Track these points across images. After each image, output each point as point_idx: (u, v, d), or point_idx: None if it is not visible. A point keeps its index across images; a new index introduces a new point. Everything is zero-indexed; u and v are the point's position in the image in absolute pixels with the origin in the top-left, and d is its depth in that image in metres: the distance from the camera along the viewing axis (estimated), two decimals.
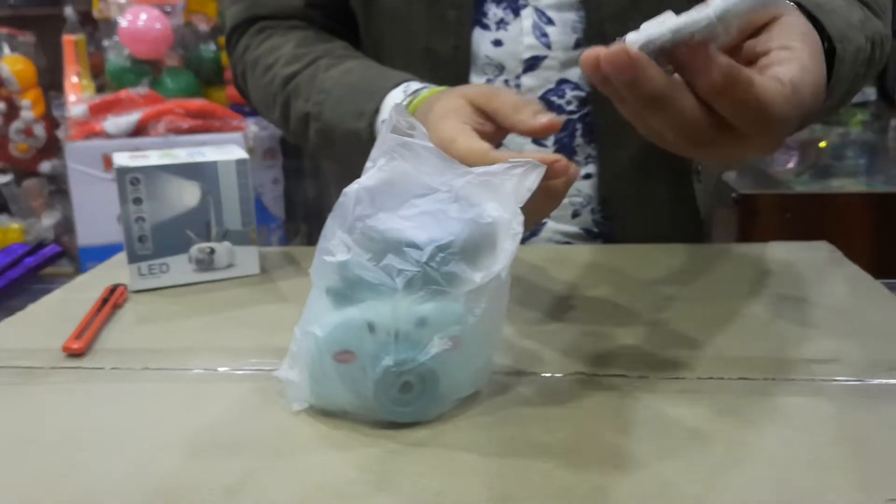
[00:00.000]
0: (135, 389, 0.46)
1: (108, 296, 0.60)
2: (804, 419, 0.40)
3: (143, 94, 1.94)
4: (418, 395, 0.40)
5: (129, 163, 0.62)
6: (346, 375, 0.40)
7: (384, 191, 0.40)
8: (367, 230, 0.39)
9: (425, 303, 0.39)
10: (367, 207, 0.40)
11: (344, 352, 0.39)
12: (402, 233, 0.39)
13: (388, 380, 0.39)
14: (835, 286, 0.59)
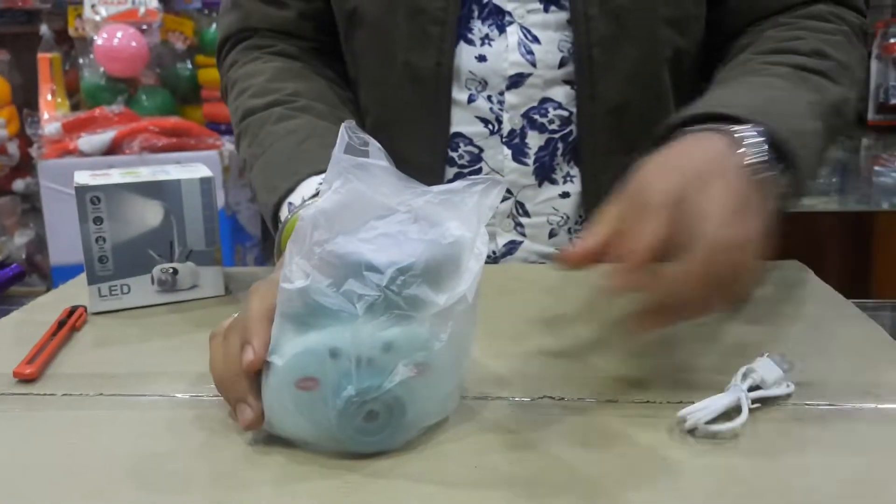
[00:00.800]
0: (86, 417, 0.44)
1: (65, 318, 0.58)
2: (778, 445, 0.39)
3: (117, 112, 1.92)
4: (384, 423, 0.38)
5: (90, 181, 0.60)
6: (308, 405, 0.38)
7: (341, 214, 0.38)
8: (326, 255, 0.38)
9: (389, 328, 0.37)
10: (324, 232, 0.38)
11: (306, 378, 0.38)
12: (361, 256, 0.37)
13: (352, 409, 0.37)
14: (805, 306, 0.58)
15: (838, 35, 0.63)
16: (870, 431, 0.41)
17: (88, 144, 1.88)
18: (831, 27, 0.64)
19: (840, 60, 0.61)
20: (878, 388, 0.45)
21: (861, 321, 0.55)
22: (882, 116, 2.23)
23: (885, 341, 0.52)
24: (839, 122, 0.58)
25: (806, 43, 0.61)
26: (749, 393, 0.43)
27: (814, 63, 0.59)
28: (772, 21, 0.65)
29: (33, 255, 2.20)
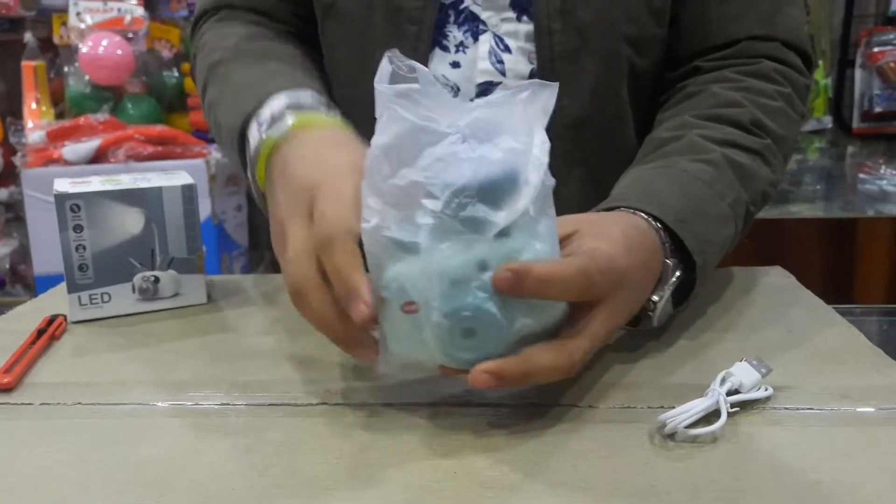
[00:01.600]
0: (64, 426, 0.44)
1: (44, 327, 0.58)
2: (755, 448, 0.40)
3: (102, 120, 1.91)
4: (483, 339, 0.39)
5: (69, 189, 0.60)
6: (415, 326, 0.39)
7: (398, 145, 0.39)
8: (391, 189, 0.39)
9: (466, 249, 0.38)
10: (387, 166, 0.39)
11: (408, 303, 0.39)
12: (419, 185, 0.38)
13: (446, 328, 0.39)
14: (787, 312, 0.59)
15: (779, 100, 0.64)
16: (846, 434, 0.41)
17: (73, 153, 1.87)
18: (773, 90, 0.64)
19: (776, 135, 0.62)
20: (855, 391, 0.45)
21: (841, 326, 0.56)
22: (866, 124, 2.25)
23: (863, 346, 0.52)
24: (756, 210, 0.61)
25: (746, 112, 0.61)
26: (728, 397, 0.43)
27: (749, 141, 0.60)
28: (718, 75, 0.66)
29: (17, 265, 2.18)
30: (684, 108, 0.65)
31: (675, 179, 0.55)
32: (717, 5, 0.66)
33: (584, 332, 0.42)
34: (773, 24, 0.66)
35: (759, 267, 0.69)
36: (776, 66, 0.66)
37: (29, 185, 1.87)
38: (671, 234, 0.51)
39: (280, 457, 0.40)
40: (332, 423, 0.43)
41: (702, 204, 0.55)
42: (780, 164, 0.64)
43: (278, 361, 0.52)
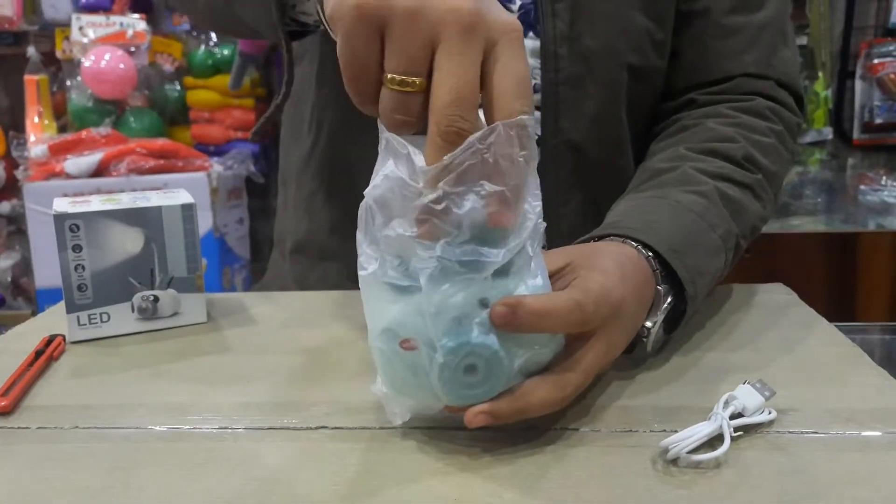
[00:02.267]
0: (61, 451, 0.43)
1: (43, 347, 0.57)
2: (764, 475, 0.39)
3: (104, 134, 1.92)
4: (485, 376, 0.40)
5: (68, 209, 0.59)
6: (413, 364, 0.40)
7: (390, 197, 0.39)
8: (386, 240, 0.39)
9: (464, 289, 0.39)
10: (379, 217, 0.40)
11: (406, 340, 0.40)
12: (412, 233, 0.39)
13: (450, 365, 0.39)
14: (788, 331, 0.58)
15: (771, 137, 0.65)
16: (851, 460, 0.40)
17: (75, 167, 1.88)
18: (766, 127, 0.65)
19: (768, 171, 0.63)
20: (860, 414, 0.45)
21: (844, 346, 0.55)
22: (867, 136, 2.25)
23: (868, 366, 0.51)
24: (745, 243, 0.61)
25: (739, 148, 0.62)
26: (731, 421, 0.43)
27: (741, 175, 0.61)
28: (712, 109, 0.67)
29: (19, 278, 2.19)
30: (679, 141, 0.65)
31: (668, 210, 0.56)
32: (716, 42, 0.68)
33: (578, 366, 0.42)
34: (768, 64, 0.68)
35: (760, 284, 0.69)
36: (769, 104, 0.67)
37: (31, 198, 1.87)
38: (662, 263, 0.51)
39: (277, 483, 0.39)
40: (330, 448, 0.43)
41: (694, 235, 0.55)
42: (771, 199, 0.65)
43: (277, 383, 0.52)
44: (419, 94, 0.38)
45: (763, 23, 0.68)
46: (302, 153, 0.79)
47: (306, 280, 0.80)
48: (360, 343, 0.58)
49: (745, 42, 0.68)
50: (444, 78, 0.37)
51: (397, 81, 0.37)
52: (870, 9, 2.26)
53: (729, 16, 0.68)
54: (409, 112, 0.38)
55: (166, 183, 1.87)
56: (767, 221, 0.65)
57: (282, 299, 0.71)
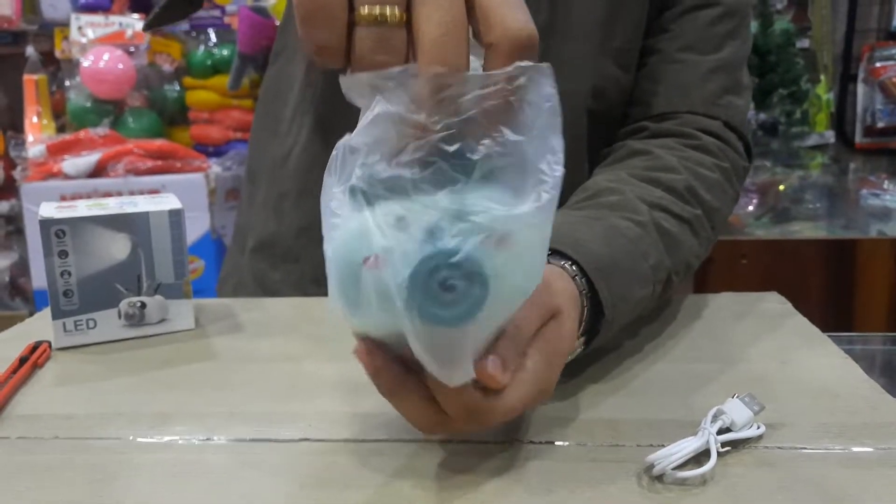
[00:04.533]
0: (39, 462, 0.43)
1: (27, 354, 0.57)
2: (750, 492, 0.38)
3: (102, 134, 1.92)
4: (462, 295, 0.34)
5: (54, 214, 0.59)
6: (379, 285, 0.34)
7: (383, 139, 0.34)
8: (368, 179, 0.34)
9: (463, 194, 0.34)
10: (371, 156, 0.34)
11: (371, 257, 0.34)
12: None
13: (425, 278, 0.33)
14: (782, 342, 0.58)
15: (717, 173, 0.64)
16: (840, 476, 0.40)
17: (73, 167, 1.88)
18: (712, 163, 0.65)
19: (709, 206, 0.62)
20: (850, 429, 0.44)
21: (837, 358, 0.54)
22: (869, 139, 2.24)
23: (860, 380, 0.51)
24: (678, 280, 0.59)
25: (682, 180, 0.61)
26: (719, 436, 0.42)
27: (680, 208, 0.60)
28: (662, 141, 0.66)
29: (17, 278, 2.18)
30: (625, 166, 0.65)
31: (601, 231, 0.54)
32: (667, 76, 0.69)
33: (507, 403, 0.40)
34: (715, 105, 0.68)
35: (754, 293, 0.68)
36: (716, 143, 0.67)
37: (28, 198, 1.87)
38: (587, 282, 0.50)
39: (257, 498, 0.39)
40: (312, 460, 0.42)
41: (623, 260, 0.53)
42: (708, 236, 0.63)
43: (261, 393, 0.51)
44: (399, 28, 0.34)
45: (716, 65, 0.68)
46: (279, 152, 0.78)
47: (266, 279, 0.79)
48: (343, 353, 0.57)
49: (695, 80, 0.68)
50: (428, 10, 0.33)
51: (375, 15, 0.33)
52: (872, 12, 2.25)
53: (682, 52, 0.69)
54: (392, 50, 0.34)
55: (164, 184, 1.86)
56: (703, 259, 0.63)
57: (270, 306, 0.70)
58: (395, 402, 0.39)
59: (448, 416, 0.39)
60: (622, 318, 0.53)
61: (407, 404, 0.39)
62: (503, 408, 0.39)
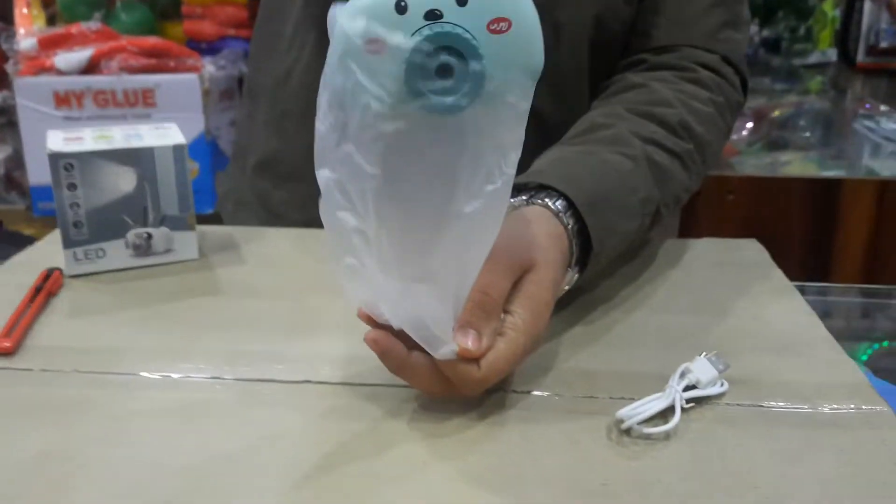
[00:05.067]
0: (61, 396, 0.47)
1: (41, 283, 0.60)
2: (708, 448, 0.43)
3: (95, 29, 1.88)
4: (460, 79, 0.36)
5: (63, 148, 0.61)
6: (377, 68, 0.35)
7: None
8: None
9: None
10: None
11: (372, 40, 0.35)
12: None
13: (422, 58, 0.35)
14: (756, 295, 0.61)
15: (710, 107, 0.66)
16: (790, 436, 0.44)
17: (65, 62, 1.85)
18: (706, 97, 0.66)
19: (701, 139, 0.64)
20: (806, 388, 0.48)
21: (803, 314, 0.58)
22: (871, 59, 2.22)
23: (822, 338, 0.55)
24: (667, 212, 0.62)
25: (675, 114, 0.63)
26: (685, 392, 0.46)
27: (672, 143, 0.62)
28: (660, 74, 0.68)
29: (12, 171, 2.18)
30: (621, 100, 0.67)
31: (592, 167, 0.57)
32: (668, 12, 0.70)
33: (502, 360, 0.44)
34: (714, 39, 0.70)
35: (733, 240, 0.71)
36: (714, 77, 0.68)
37: (22, 94, 1.85)
38: (576, 216, 0.53)
39: (264, 439, 0.43)
40: (312, 404, 0.46)
41: (613, 194, 0.56)
42: (699, 169, 0.66)
43: (265, 331, 0.55)
44: None
45: (716, 0, 0.70)
46: (279, 70, 0.79)
47: (270, 198, 0.81)
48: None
49: (696, 14, 0.70)
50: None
51: None
52: None
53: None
54: None
55: (158, 83, 1.84)
56: (693, 191, 0.66)
57: (270, 236, 0.73)
58: (402, 377, 0.44)
59: (451, 383, 0.43)
60: (611, 251, 0.56)
61: (413, 379, 0.44)
62: (495, 369, 0.43)
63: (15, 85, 1.85)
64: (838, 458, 0.42)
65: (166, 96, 1.85)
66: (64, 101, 1.85)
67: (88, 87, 1.82)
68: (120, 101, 1.85)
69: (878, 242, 1.09)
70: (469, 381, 0.43)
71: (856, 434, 0.44)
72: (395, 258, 0.40)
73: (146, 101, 1.85)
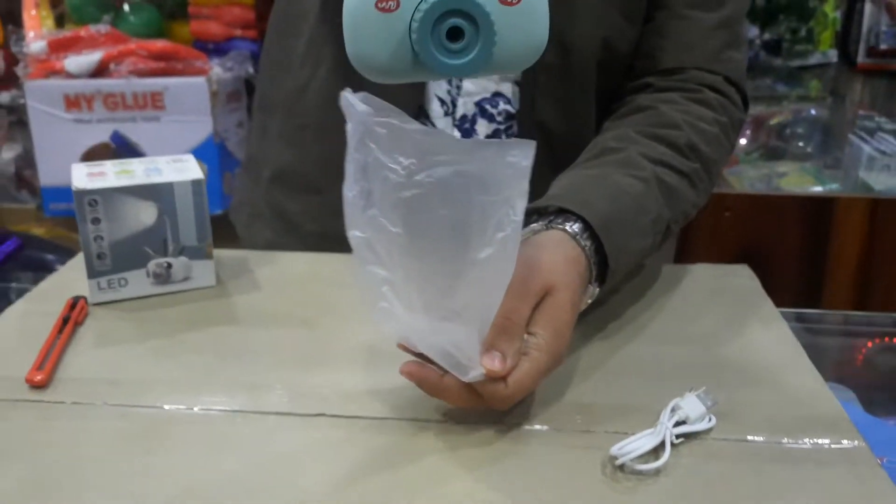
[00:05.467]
0: (93, 429, 0.50)
1: (68, 313, 0.63)
2: (696, 484, 0.46)
3: (104, 32, 1.90)
4: (470, 43, 0.38)
5: (88, 185, 0.64)
6: (389, 27, 0.38)
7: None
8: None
9: None
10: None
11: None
12: None
13: (433, 18, 0.37)
14: (745, 326, 0.64)
15: (716, 127, 0.71)
16: (774, 472, 0.47)
17: (75, 65, 1.88)
18: (712, 117, 0.71)
19: (707, 159, 0.69)
20: (790, 423, 0.51)
21: (789, 346, 0.61)
22: (871, 60, 2.24)
23: (807, 371, 0.58)
24: (676, 228, 0.67)
25: (682, 136, 0.68)
26: (674, 428, 0.49)
27: (680, 163, 0.67)
28: (666, 96, 0.72)
29: (22, 170, 2.22)
30: (630, 122, 0.71)
31: (606, 190, 0.62)
32: (673, 33, 0.74)
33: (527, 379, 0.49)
34: (718, 61, 0.74)
35: (726, 265, 0.75)
36: (718, 98, 0.73)
37: (32, 96, 1.88)
38: (592, 238, 0.58)
39: (282, 469, 0.46)
40: (328, 436, 0.50)
41: (626, 216, 0.61)
42: (706, 186, 0.70)
43: (282, 362, 0.58)
44: None
45: (718, 22, 0.74)
46: (294, 85, 0.81)
47: (286, 210, 0.84)
48: (359, 319, 0.64)
49: (699, 36, 0.73)
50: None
51: None
52: None
53: (687, 9, 0.73)
54: None
55: (166, 86, 1.87)
56: (700, 207, 0.71)
57: (284, 260, 0.76)
58: (439, 398, 0.50)
59: (482, 398, 0.49)
60: (625, 267, 0.62)
61: (448, 399, 0.50)
62: (522, 386, 0.49)
63: (25, 87, 1.88)
64: (816, 495, 0.45)
65: (175, 99, 1.88)
66: (74, 103, 1.88)
67: (98, 90, 1.85)
68: (129, 103, 1.88)
69: (870, 259, 1.12)
70: (498, 397, 0.48)
71: (833, 470, 0.47)
72: (421, 303, 0.45)
73: (155, 104, 1.89)
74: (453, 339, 0.46)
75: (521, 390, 0.49)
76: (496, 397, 0.48)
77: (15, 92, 2.24)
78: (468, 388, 0.48)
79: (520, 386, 0.48)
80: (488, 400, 0.48)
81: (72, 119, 1.89)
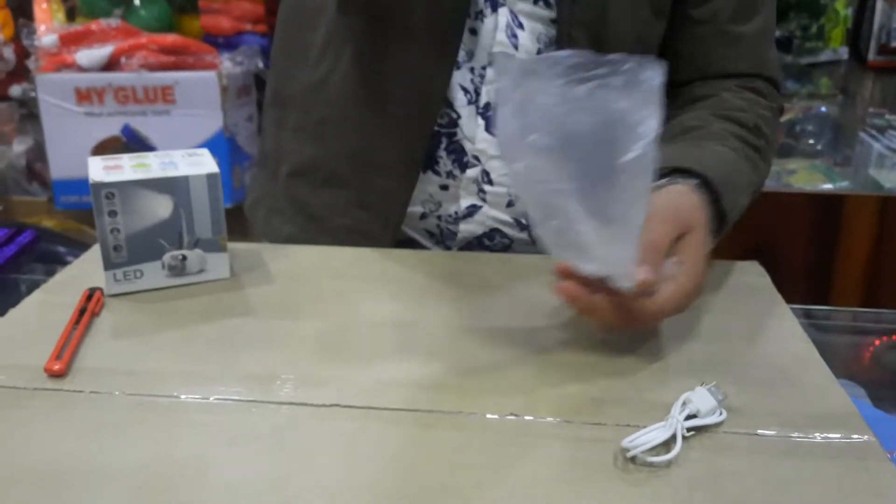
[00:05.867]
0: (110, 418, 0.51)
1: (85, 303, 0.64)
2: (706, 476, 0.46)
3: (115, 26, 1.92)
4: None
5: (105, 178, 0.64)
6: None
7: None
8: None
9: None
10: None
11: None
12: None
13: None
14: (755, 321, 0.64)
15: (768, 112, 0.77)
16: (784, 465, 0.48)
17: (87, 59, 1.89)
18: (766, 104, 0.77)
19: (769, 138, 0.76)
20: (800, 417, 0.52)
21: (800, 341, 0.62)
22: (883, 58, 2.24)
23: (816, 366, 0.58)
24: (756, 196, 0.74)
25: (748, 117, 0.74)
26: (685, 422, 0.50)
27: (753, 139, 0.73)
28: (722, 84, 0.77)
29: (33, 163, 2.23)
30: (702, 107, 0.76)
31: (710, 153, 0.68)
32: (718, 48, 0.78)
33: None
34: (760, 64, 0.79)
35: (737, 262, 0.75)
36: (766, 85, 0.79)
37: (44, 89, 1.89)
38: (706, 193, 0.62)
39: (296, 459, 0.47)
40: (341, 426, 0.50)
41: (732, 176, 0.67)
42: (769, 164, 0.77)
43: (296, 354, 0.59)
44: None
45: (758, 31, 0.78)
46: (311, 79, 0.81)
47: (307, 204, 0.84)
48: (370, 313, 0.64)
49: (744, 49, 0.78)
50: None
51: None
52: None
53: (730, 24, 0.77)
54: None
55: (177, 80, 1.88)
56: (764, 180, 0.77)
57: (298, 254, 0.77)
58: (588, 316, 0.56)
59: (631, 316, 0.54)
60: (733, 221, 0.67)
61: (598, 316, 0.55)
62: (669, 304, 0.55)
63: (36, 81, 1.90)
64: (825, 488, 0.46)
65: (185, 93, 1.89)
66: (85, 97, 1.89)
67: (109, 84, 1.87)
68: (140, 97, 1.89)
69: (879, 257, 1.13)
70: (647, 312, 0.54)
71: (842, 463, 0.48)
72: (584, 210, 0.51)
73: (165, 98, 1.89)
74: (612, 246, 0.51)
75: (667, 309, 0.55)
76: (645, 312, 0.54)
77: (26, 85, 2.25)
78: (618, 305, 0.53)
79: (667, 303, 0.54)
80: (637, 314, 0.54)
81: (83, 112, 1.90)
